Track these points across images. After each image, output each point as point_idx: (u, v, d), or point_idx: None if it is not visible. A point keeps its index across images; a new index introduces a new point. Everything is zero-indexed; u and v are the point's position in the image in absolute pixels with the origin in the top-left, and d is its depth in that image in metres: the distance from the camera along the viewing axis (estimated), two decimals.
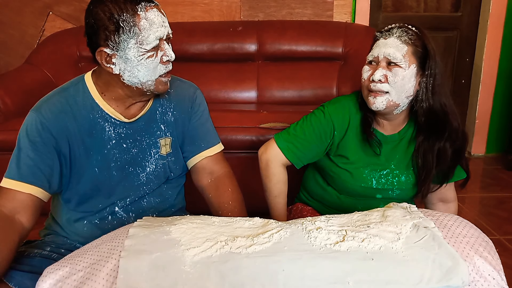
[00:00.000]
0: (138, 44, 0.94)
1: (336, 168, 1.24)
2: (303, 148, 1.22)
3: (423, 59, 1.12)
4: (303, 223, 0.86)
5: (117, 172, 1.07)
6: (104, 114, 1.04)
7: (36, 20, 2.64)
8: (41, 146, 0.97)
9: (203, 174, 1.19)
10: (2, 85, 2.01)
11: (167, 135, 1.13)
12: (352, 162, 1.22)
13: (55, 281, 0.77)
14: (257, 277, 0.72)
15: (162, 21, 0.96)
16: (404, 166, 1.22)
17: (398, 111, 1.16)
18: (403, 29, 1.11)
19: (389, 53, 1.09)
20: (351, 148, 1.22)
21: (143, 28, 0.93)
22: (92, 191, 1.06)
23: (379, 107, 1.13)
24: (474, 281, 0.74)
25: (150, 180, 1.12)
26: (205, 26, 2.41)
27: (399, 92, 1.11)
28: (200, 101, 1.19)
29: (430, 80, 1.12)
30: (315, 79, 2.33)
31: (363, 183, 1.22)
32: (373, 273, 0.73)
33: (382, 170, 1.22)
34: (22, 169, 0.96)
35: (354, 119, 1.22)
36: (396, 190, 1.22)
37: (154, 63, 0.97)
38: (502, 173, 2.61)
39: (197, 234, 0.83)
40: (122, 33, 0.92)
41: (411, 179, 1.22)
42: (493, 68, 2.79)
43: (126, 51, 0.94)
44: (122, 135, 1.06)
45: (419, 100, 1.14)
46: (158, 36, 0.95)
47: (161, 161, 1.13)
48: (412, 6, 2.82)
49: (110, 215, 1.10)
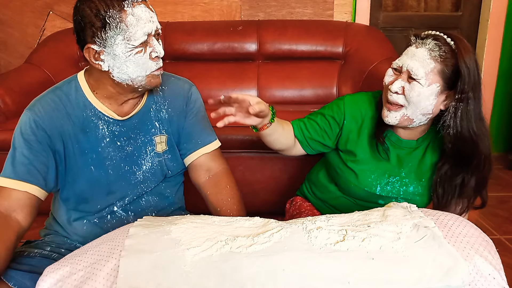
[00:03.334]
0: (126, 40, 0.93)
1: (343, 166, 1.20)
2: (312, 129, 1.20)
3: (452, 81, 1.02)
4: (303, 222, 0.86)
5: (113, 171, 1.07)
6: (97, 112, 1.04)
7: (36, 19, 2.64)
8: (36, 144, 0.98)
9: (201, 171, 1.18)
10: (3, 84, 2.01)
11: (162, 132, 1.12)
12: (360, 160, 1.17)
13: (56, 280, 0.77)
14: (257, 277, 0.72)
15: (149, 17, 0.96)
16: (415, 175, 1.15)
17: (414, 125, 1.09)
18: (438, 42, 1.02)
19: (412, 67, 1.02)
20: (361, 145, 1.17)
21: (130, 24, 0.93)
22: (89, 190, 1.06)
23: (391, 122, 1.08)
24: (474, 280, 0.74)
25: (147, 178, 1.12)
26: (205, 25, 2.40)
27: (414, 108, 1.04)
28: (195, 98, 1.18)
29: (460, 106, 1.02)
30: (315, 79, 2.33)
31: (367, 187, 1.17)
32: (373, 272, 0.73)
33: (391, 177, 1.16)
34: (18, 168, 0.96)
35: (370, 117, 1.17)
36: (401, 199, 1.15)
37: (143, 59, 0.97)
38: (502, 173, 2.60)
39: (198, 233, 0.83)
40: (108, 29, 0.92)
41: (420, 190, 1.15)
42: (493, 67, 2.79)
43: (114, 48, 0.94)
44: (116, 133, 1.06)
45: (445, 126, 1.05)
46: (145, 31, 0.95)
47: (157, 158, 1.13)
48: (413, 5, 2.81)
49: (109, 214, 1.10)
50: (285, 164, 1.83)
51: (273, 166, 1.84)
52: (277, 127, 1.12)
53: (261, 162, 1.83)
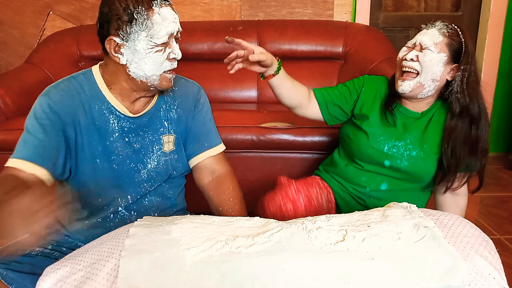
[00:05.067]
0: (149, 37, 0.96)
1: (357, 130, 1.34)
2: (333, 94, 1.36)
3: (457, 53, 1.21)
4: (303, 222, 0.86)
5: (118, 166, 1.08)
6: (109, 106, 1.05)
7: (36, 19, 2.64)
8: (49, 128, 0.98)
9: (205, 173, 1.20)
10: (3, 84, 2.01)
11: (170, 132, 1.14)
12: (371, 123, 1.32)
13: (56, 280, 0.77)
14: (257, 277, 0.72)
15: (174, 18, 0.99)
16: (418, 142, 1.28)
17: (423, 95, 1.25)
18: (445, 24, 1.23)
19: (422, 39, 1.22)
20: (374, 111, 1.33)
21: (155, 22, 0.96)
22: (93, 182, 1.07)
23: (405, 90, 1.24)
24: (474, 280, 0.74)
25: (151, 177, 1.13)
26: (205, 25, 2.41)
27: (426, 73, 1.21)
28: (204, 101, 1.20)
29: (465, 74, 1.21)
30: (316, 79, 2.33)
31: (376, 145, 1.29)
32: (373, 272, 0.73)
33: (397, 141, 1.29)
34: (29, 150, 0.97)
35: (384, 91, 1.36)
36: (405, 161, 1.28)
37: (161, 58, 0.99)
38: (502, 173, 2.61)
39: (198, 233, 0.83)
40: (134, 24, 0.95)
41: (422, 155, 1.28)
42: (493, 68, 2.79)
43: (136, 43, 0.96)
44: (125, 129, 1.07)
45: (453, 92, 1.22)
46: (169, 31, 0.98)
47: (163, 158, 1.14)
48: (413, 5, 2.82)
49: (113, 213, 1.11)
50: (285, 164, 1.83)
51: (273, 166, 1.84)
52: (284, 80, 1.26)
53: (261, 162, 1.83)
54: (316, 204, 1.28)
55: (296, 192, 1.27)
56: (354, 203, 1.36)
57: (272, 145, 1.78)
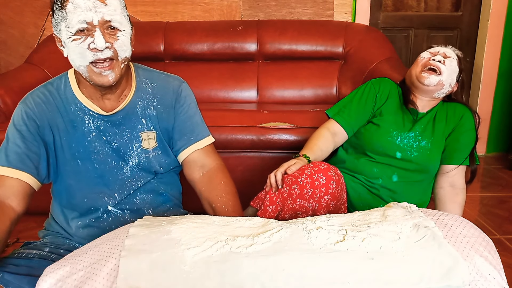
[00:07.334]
0: (66, 27, 0.95)
1: (369, 124, 1.45)
2: (351, 112, 1.45)
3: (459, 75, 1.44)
4: (303, 222, 0.86)
5: (99, 165, 1.09)
6: (82, 107, 1.07)
7: (36, 19, 2.64)
8: (27, 134, 1.02)
9: (195, 167, 1.17)
10: (3, 84, 2.01)
11: (150, 129, 1.12)
12: (385, 119, 1.43)
13: (56, 280, 0.77)
14: (257, 277, 0.72)
15: (92, 6, 0.94)
16: (426, 134, 1.41)
17: (438, 94, 1.41)
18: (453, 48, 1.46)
19: (446, 50, 1.42)
20: (387, 108, 1.45)
21: (69, 11, 0.94)
22: (76, 183, 1.08)
23: (431, 83, 1.37)
24: (474, 280, 0.74)
25: (135, 173, 1.12)
26: (205, 25, 2.40)
27: (448, 76, 1.38)
28: (186, 94, 1.17)
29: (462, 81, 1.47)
30: (316, 79, 2.33)
31: (389, 137, 1.40)
32: (373, 273, 0.73)
33: (408, 132, 1.41)
34: (10, 157, 1.00)
35: (394, 92, 1.49)
36: (414, 151, 1.38)
37: (80, 47, 0.96)
38: (502, 173, 2.61)
39: (197, 233, 0.83)
40: (57, 16, 0.96)
41: (429, 146, 1.39)
42: (493, 67, 2.79)
43: (61, 34, 0.97)
44: (101, 128, 1.08)
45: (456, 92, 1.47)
46: (81, 19, 0.94)
47: (144, 155, 1.12)
48: (413, 5, 2.82)
49: (105, 213, 1.11)
50: None
51: (273, 166, 1.82)
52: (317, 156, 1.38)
53: (261, 162, 1.83)
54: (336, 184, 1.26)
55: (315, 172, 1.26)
56: (367, 193, 1.38)
57: (272, 145, 1.78)
